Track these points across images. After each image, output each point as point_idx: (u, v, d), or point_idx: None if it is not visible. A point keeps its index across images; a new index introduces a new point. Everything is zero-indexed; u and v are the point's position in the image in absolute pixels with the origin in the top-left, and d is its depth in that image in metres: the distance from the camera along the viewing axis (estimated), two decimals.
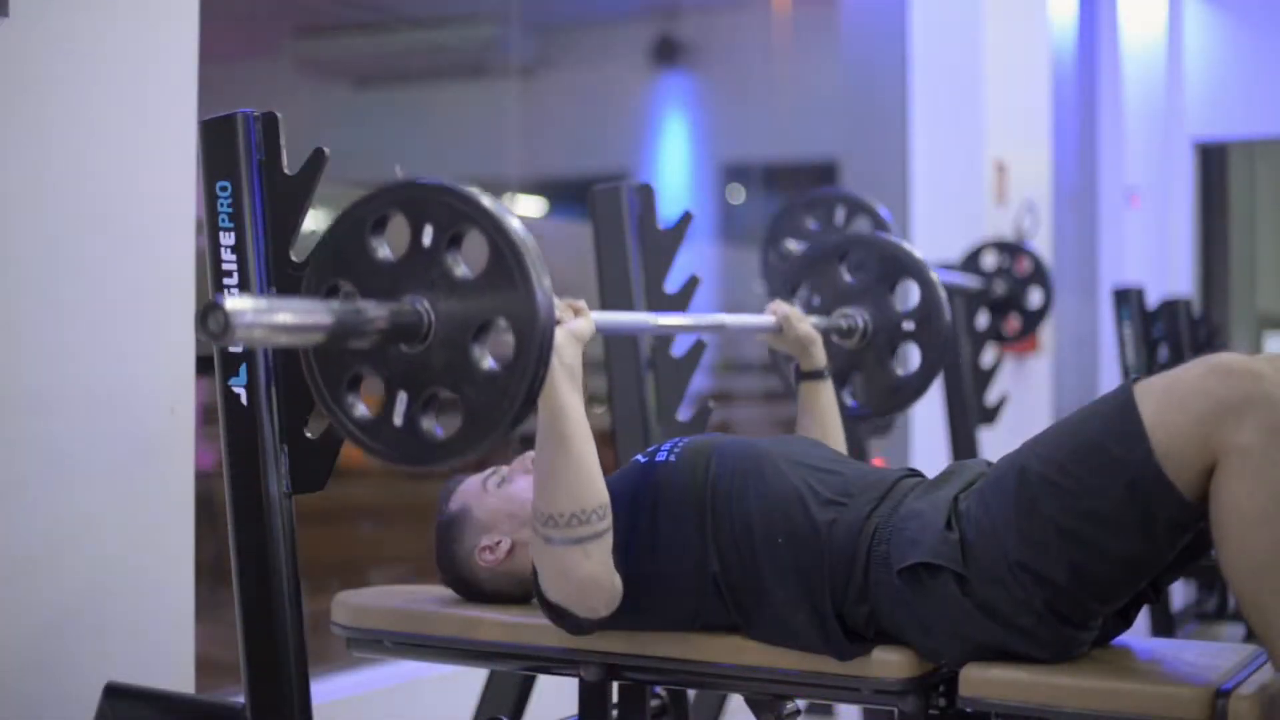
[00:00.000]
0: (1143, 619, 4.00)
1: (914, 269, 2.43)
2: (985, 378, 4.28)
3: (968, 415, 4.15)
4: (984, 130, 5.02)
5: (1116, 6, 6.85)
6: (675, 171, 5.52)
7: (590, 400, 1.88)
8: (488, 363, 1.47)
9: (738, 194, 5.71)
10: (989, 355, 4.42)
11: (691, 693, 2.42)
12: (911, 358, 2.45)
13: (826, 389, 2.30)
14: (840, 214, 3.36)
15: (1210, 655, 1.77)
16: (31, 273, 2.02)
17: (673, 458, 1.95)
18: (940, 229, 4.90)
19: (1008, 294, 4.41)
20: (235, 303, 1.31)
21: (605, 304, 2.52)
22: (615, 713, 2.02)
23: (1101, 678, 1.67)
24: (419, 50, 4.01)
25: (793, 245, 3.26)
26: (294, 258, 1.75)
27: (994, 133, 5.06)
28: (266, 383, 1.74)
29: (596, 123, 4.89)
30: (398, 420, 1.52)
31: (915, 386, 2.44)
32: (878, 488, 1.86)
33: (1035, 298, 4.41)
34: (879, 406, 2.46)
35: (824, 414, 2.29)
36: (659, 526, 1.88)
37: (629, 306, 2.49)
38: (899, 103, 5.07)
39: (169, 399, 2.19)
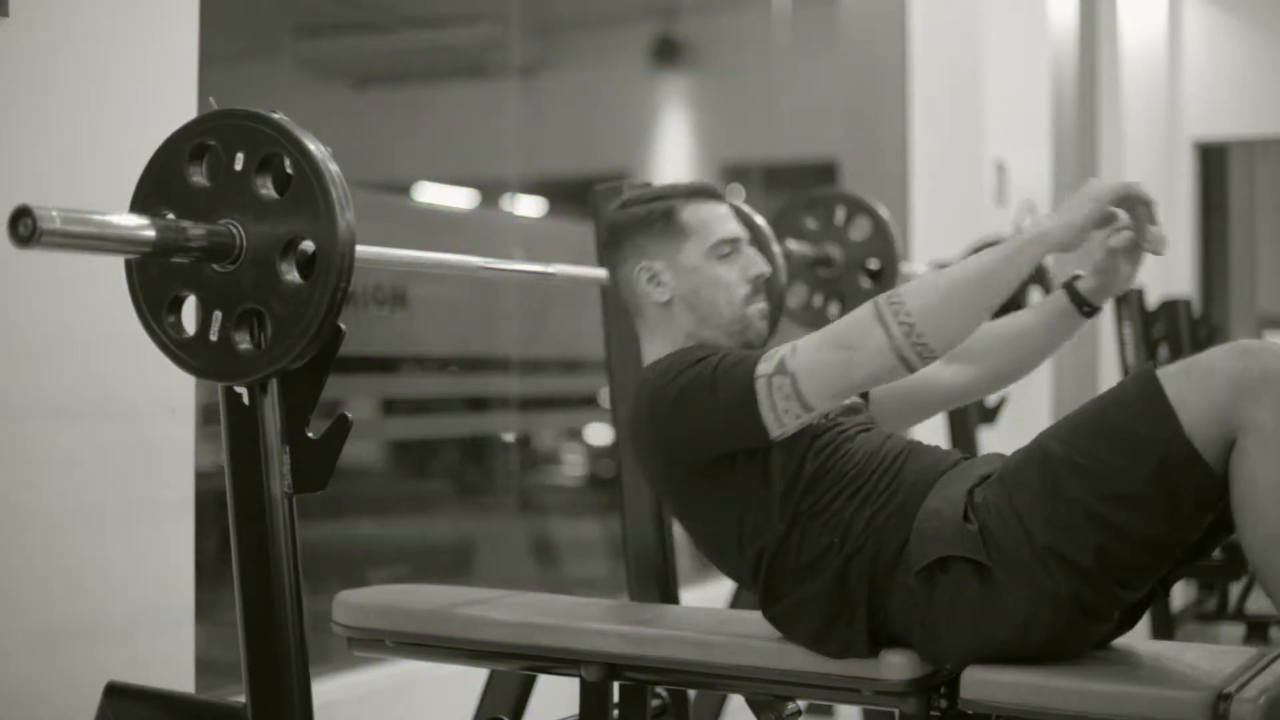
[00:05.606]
0: (1143, 618, 4.00)
1: (755, 236, 2.49)
2: None
3: (968, 415, 4.15)
4: (984, 130, 5.01)
5: (1116, 6, 6.84)
6: (675, 171, 5.52)
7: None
8: (293, 277, 1.60)
9: (738, 194, 5.71)
10: None
11: (692, 693, 2.42)
12: None
13: (1078, 325, 2.05)
14: (840, 214, 3.35)
15: (1212, 658, 1.77)
16: (31, 273, 2.01)
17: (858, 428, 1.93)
18: (940, 229, 4.89)
19: None
20: (44, 209, 1.43)
21: (606, 304, 2.52)
22: (616, 713, 2.02)
23: (1103, 680, 1.67)
24: (419, 50, 4.00)
25: (793, 245, 3.25)
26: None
27: (994, 133, 5.06)
28: (268, 382, 1.74)
29: (596, 123, 4.89)
30: (213, 337, 1.65)
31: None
32: (922, 484, 1.84)
33: (1035, 298, 4.40)
34: None
35: (1054, 345, 2.09)
36: (768, 471, 1.85)
37: None
38: (899, 103, 5.06)
39: (169, 399, 2.19)
